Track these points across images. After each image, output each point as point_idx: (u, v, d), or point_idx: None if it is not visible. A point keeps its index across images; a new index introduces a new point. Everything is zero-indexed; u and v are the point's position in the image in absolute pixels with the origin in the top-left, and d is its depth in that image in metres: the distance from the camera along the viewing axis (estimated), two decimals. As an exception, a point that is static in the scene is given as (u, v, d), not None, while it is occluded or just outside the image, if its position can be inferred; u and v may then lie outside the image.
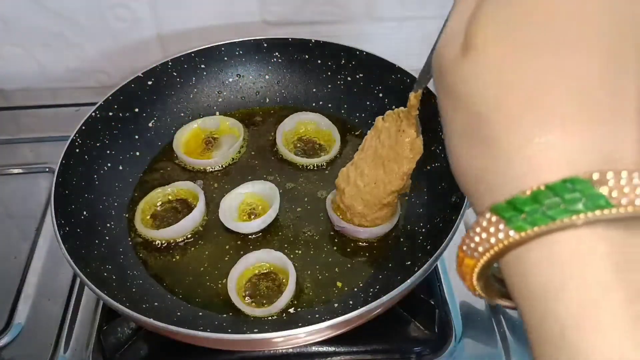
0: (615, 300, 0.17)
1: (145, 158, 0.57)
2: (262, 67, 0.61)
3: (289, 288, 0.45)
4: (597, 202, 0.17)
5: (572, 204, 0.17)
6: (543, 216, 0.18)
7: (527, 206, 0.18)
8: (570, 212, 0.17)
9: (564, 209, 0.18)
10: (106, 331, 0.48)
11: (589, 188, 0.17)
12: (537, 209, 0.18)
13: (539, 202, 0.18)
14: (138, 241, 0.51)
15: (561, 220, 0.18)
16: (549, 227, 0.18)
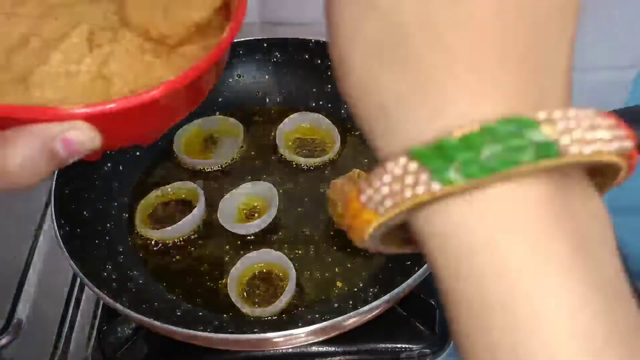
0: (558, 254, 0.15)
1: (146, 158, 0.57)
2: (262, 67, 0.61)
3: (289, 288, 0.45)
4: (547, 149, 0.14)
5: (517, 151, 0.14)
6: (480, 167, 0.14)
7: (459, 153, 0.14)
8: (513, 163, 0.14)
9: (506, 159, 0.14)
10: (106, 331, 0.48)
11: (535, 131, 0.14)
12: (473, 158, 0.14)
13: (474, 148, 0.14)
14: (138, 241, 0.51)
15: (503, 172, 0.14)
16: (486, 180, 0.14)
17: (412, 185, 0.15)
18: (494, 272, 0.15)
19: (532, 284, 0.15)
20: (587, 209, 0.16)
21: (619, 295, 0.16)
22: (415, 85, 0.16)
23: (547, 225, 0.15)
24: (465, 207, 0.15)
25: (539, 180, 0.15)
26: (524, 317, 0.15)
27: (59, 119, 0.21)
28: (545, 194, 0.15)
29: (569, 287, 0.15)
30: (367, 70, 0.17)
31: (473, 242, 0.15)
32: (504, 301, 0.15)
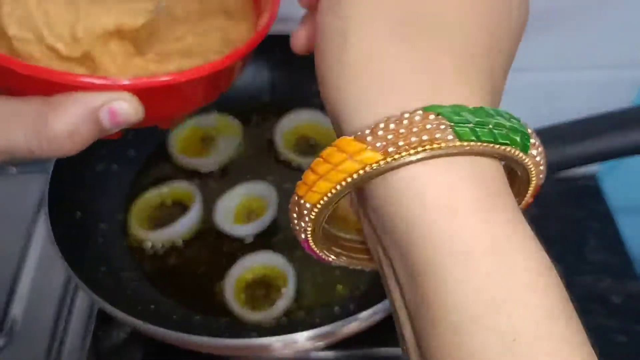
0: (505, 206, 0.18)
1: (141, 157, 0.56)
2: (261, 64, 0.60)
3: (288, 292, 0.45)
4: (525, 144, 0.18)
5: (514, 134, 0.17)
6: (489, 133, 0.17)
7: (476, 116, 0.17)
8: (510, 141, 0.17)
9: (506, 135, 0.17)
10: (101, 335, 0.48)
11: (523, 127, 0.18)
12: (485, 124, 0.17)
13: (486, 117, 0.17)
14: (133, 243, 0.50)
15: (499, 145, 0.17)
16: (489, 146, 0.17)
17: (429, 131, 0.16)
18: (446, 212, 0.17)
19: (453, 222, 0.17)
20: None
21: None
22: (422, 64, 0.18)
23: (501, 195, 0.17)
24: (445, 165, 0.17)
25: (498, 162, 0.18)
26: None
27: (106, 89, 0.22)
28: (500, 174, 0.18)
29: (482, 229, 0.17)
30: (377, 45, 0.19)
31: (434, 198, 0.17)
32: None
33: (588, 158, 0.36)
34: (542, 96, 0.61)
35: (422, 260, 0.17)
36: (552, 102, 0.61)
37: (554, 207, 0.63)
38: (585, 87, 0.60)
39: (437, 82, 0.18)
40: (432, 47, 0.18)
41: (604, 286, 0.58)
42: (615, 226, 0.63)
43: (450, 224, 0.17)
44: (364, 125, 0.18)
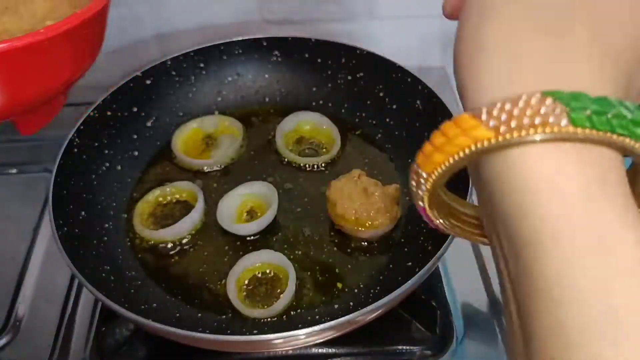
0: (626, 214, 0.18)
1: (144, 158, 0.56)
2: (261, 66, 0.61)
3: (289, 289, 0.45)
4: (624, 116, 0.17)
5: (635, 126, 0.17)
6: (606, 123, 0.17)
7: (594, 105, 0.17)
8: (627, 131, 0.17)
9: (625, 126, 0.17)
10: (104, 332, 0.48)
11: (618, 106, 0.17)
12: (602, 113, 0.17)
13: (606, 107, 0.17)
14: (136, 242, 0.51)
15: (617, 136, 0.17)
16: (605, 135, 0.17)
17: (544, 115, 0.17)
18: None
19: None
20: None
21: None
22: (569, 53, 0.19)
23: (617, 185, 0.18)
24: (565, 154, 0.17)
25: (612, 152, 0.18)
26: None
27: None
28: (617, 165, 0.18)
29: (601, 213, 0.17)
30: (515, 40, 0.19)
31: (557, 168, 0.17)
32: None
33: None
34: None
35: (527, 238, 0.18)
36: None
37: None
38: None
39: (566, 71, 0.18)
40: (569, 39, 0.19)
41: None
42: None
43: (555, 207, 0.17)
44: (485, 103, 0.18)
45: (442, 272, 0.52)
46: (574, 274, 0.17)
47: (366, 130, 0.58)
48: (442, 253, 0.41)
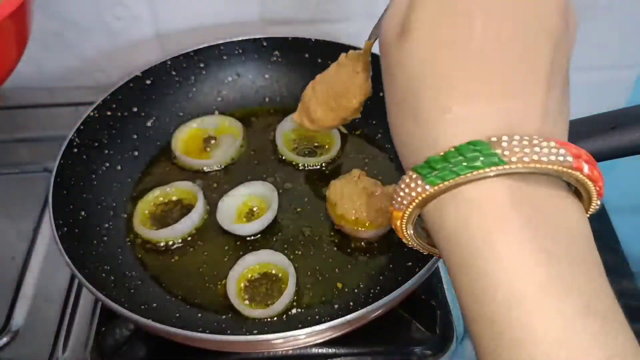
0: (511, 227, 0.21)
1: (144, 158, 0.56)
2: (261, 66, 0.61)
3: (289, 289, 0.45)
4: (491, 159, 0.21)
5: (472, 161, 0.21)
6: (450, 172, 0.22)
7: (438, 164, 0.22)
8: (470, 168, 0.21)
9: (466, 165, 0.21)
10: (104, 332, 0.48)
11: (486, 149, 0.21)
12: (446, 166, 0.22)
13: (448, 160, 0.22)
14: (136, 242, 0.51)
15: (465, 175, 0.21)
16: (455, 181, 0.22)
17: (415, 188, 0.23)
18: (465, 234, 0.22)
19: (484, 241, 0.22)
20: (556, 214, 0.22)
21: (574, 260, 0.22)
22: (418, 128, 0.24)
23: (500, 209, 0.22)
24: (450, 201, 0.23)
25: (500, 182, 0.22)
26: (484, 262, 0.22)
27: None
28: (503, 190, 0.22)
29: (511, 243, 0.21)
30: (394, 118, 0.27)
31: (455, 222, 0.23)
32: (472, 254, 0.22)
33: None
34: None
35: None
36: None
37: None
38: (579, 88, 0.61)
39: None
40: None
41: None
42: (611, 225, 0.63)
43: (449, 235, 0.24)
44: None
45: (442, 272, 0.52)
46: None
47: (366, 130, 0.59)
48: (442, 253, 0.41)
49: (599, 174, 0.22)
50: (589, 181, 0.22)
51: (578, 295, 0.20)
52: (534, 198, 0.22)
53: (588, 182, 0.22)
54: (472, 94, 0.22)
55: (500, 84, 0.22)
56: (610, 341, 0.20)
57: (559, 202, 0.22)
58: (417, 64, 0.24)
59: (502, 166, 0.21)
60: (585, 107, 0.36)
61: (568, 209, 0.23)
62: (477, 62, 0.22)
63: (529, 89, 0.23)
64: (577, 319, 0.20)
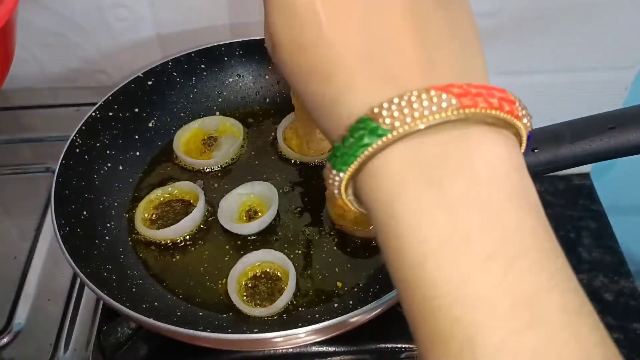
0: (411, 189, 0.21)
1: (145, 158, 0.57)
2: (262, 67, 0.61)
3: (289, 288, 0.45)
4: (375, 132, 0.21)
5: (360, 140, 0.21)
6: (349, 155, 0.22)
7: (339, 150, 0.22)
8: (362, 147, 0.21)
9: (358, 145, 0.21)
10: (106, 331, 0.48)
11: (369, 123, 0.21)
12: (346, 151, 0.22)
13: (345, 145, 0.22)
14: (138, 241, 0.51)
15: (362, 155, 0.21)
16: (358, 162, 0.22)
17: (333, 177, 0.23)
18: (376, 206, 0.22)
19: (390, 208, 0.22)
20: (462, 162, 0.21)
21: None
22: (326, 120, 0.24)
23: (401, 174, 0.21)
24: (362, 179, 0.23)
25: (397, 149, 0.21)
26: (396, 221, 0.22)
27: None
28: (401, 157, 0.21)
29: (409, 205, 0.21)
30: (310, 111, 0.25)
31: (368, 197, 0.23)
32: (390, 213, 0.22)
33: (580, 159, 0.36)
34: (534, 98, 0.61)
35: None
36: (544, 104, 0.62)
37: (548, 206, 0.64)
38: (576, 88, 0.61)
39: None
40: None
41: (598, 284, 0.58)
42: (609, 225, 0.63)
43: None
44: None
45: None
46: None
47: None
48: (441, 252, 0.41)
49: (504, 100, 0.21)
50: (493, 111, 0.20)
51: (481, 244, 0.20)
52: (436, 154, 0.21)
53: (492, 112, 0.20)
54: (345, 78, 0.22)
55: (364, 55, 0.22)
56: (516, 288, 0.19)
57: (470, 147, 0.21)
58: (294, 71, 0.24)
59: (387, 136, 0.21)
60: (584, 107, 0.36)
61: (482, 152, 0.21)
62: (336, 45, 0.22)
63: (393, 45, 0.22)
64: (477, 269, 0.19)
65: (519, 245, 0.20)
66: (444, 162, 0.21)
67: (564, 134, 0.37)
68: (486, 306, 0.19)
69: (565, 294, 0.19)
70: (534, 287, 0.19)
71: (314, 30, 0.22)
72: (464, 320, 0.19)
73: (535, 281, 0.19)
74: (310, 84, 0.23)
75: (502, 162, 0.21)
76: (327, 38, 0.22)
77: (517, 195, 0.21)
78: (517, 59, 0.59)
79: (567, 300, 0.19)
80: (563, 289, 0.20)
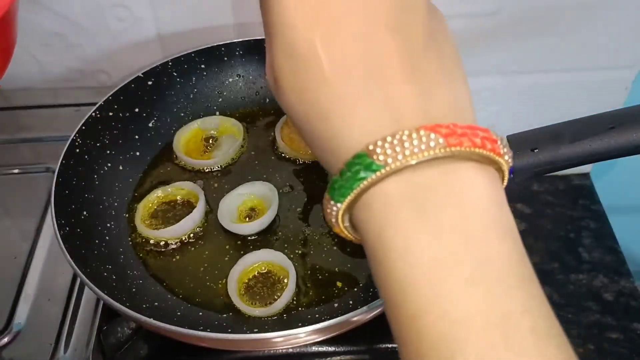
0: (403, 217, 0.22)
1: (145, 158, 0.57)
2: (262, 67, 0.61)
3: (289, 288, 0.46)
4: (370, 168, 0.22)
5: (357, 174, 0.23)
6: (346, 188, 0.23)
7: (337, 183, 0.23)
8: (357, 180, 0.23)
9: (355, 179, 0.23)
10: (106, 331, 0.48)
11: (365, 159, 0.22)
12: (343, 184, 0.23)
13: (343, 178, 0.23)
14: (138, 241, 0.51)
15: (357, 188, 0.23)
16: (354, 194, 0.23)
17: (331, 207, 0.25)
18: (369, 236, 0.24)
19: (380, 236, 0.23)
20: (448, 194, 0.23)
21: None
22: (326, 154, 0.25)
23: (392, 205, 0.23)
24: (357, 211, 0.24)
25: (390, 183, 0.23)
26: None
27: None
28: (392, 189, 0.23)
29: (398, 234, 0.23)
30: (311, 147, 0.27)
31: (362, 227, 0.24)
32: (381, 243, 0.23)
33: (580, 159, 0.36)
34: (535, 98, 0.61)
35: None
36: (544, 104, 0.62)
37: (548, 206, 0.64)
38: (576, 88, 0.61)
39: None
40: None
41: (598, 284, 0.58)
42: (609, 225, 0.63)
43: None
44: None
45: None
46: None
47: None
48: (440, 252, 0.41)
49: (487, 139, 0.23)
50: (477, 150, 0.22)
51: (463, 268, 0.21)
52: (425, 186, 0.22)
53: (476, 151, 0.22)
54: (344, 116, 0.24)
55: (362, 94, 0.23)
56: (491, 310, 0.21)
57: (456, 181, 0.23)
58: (295, 108, 0.25)
59: (380, 171, 0.22)
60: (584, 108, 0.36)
61: (466, 186, 0.23)
62: (337, 86, 0.24)
63: (388, 85, 0.23)
64: (460, 289, 0.21)
65: (496, 271, 0.21)
66: (433, 194, 0.22)
67: (564, 134, 0.36)
68: (467, 324, 0.21)
69: (536, 317, 0.21)
70: (508, 309, 0.21)
71: (316, 72, 0.24)
72: (449, 336, 0.21)
73: (509, 304, 0.21)
74: (311, 121, 0.25)
75: (484, 195, 0.23)
76: (328, 79, 0.24)
77: (497, 226, 0.23)
78: (517, 59, 0.59)
79: (538, 323, 0.21)
80: (534, 313, 0.21)
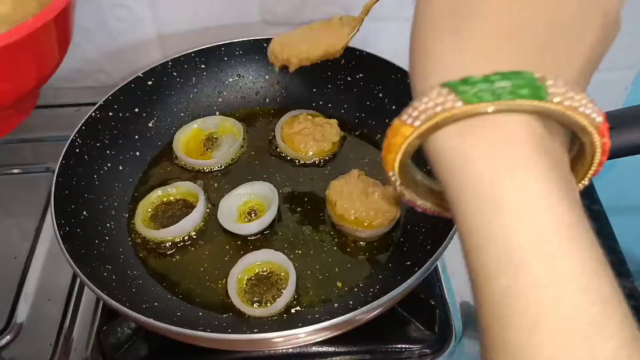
0: (536, 168, 0.20)
1: (145, 158, 0.57)
2: (262, 67, 0.61)
3: (289, 288, 0.46)
4: (538, 92, 0.20)
5: (518, 88, 0.20)
6: (491, 93, 0.20)
7: (479, 83, 0.20)
8: (513, 94, 0.20)
9: (510, 91, 0.20)
10: (106, 331, 0.48)
11: (533, 80, 0.20)
12: (488, 87, 0.20)
13: (491, 82, 0.20)
14: (138, 241, 0.51)
15: (504, 101, 0.20)
16: (492, 104, 0.20)
17: (442, 103, 0.21)
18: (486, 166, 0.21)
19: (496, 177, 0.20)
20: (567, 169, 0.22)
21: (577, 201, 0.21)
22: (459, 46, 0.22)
23: (524, 149, 0.20)
24: (471, 128, 0.21)
25: (529, 119, 0.21)
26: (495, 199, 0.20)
27: None
28: (531, 130, 0.21)
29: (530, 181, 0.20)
30: (425, 33, 0.24)
31: (473, 152, 0.21)
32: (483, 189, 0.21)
33: None
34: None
35: (455, 198, 0.22)
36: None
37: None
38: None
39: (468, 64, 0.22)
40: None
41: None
42: (609, 225, 0.63)
43: (463, 176, 0.21)
44: (419, 90, 0.23)
45: (441, 272, 0.52)
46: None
47: (366, 130, 0.59)
48: (441, 252, 0.41)
49: (608, 149, 0.22)
50: (601, 150, 0.22)
51: (596, 249, 0.21)
52: (554, 148, 0.21)
53: (600, 150, 0.22)
54: (521, 29, 0.22)
55: (550, 36, 0.22)
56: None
57: (566, 158, 0.22)
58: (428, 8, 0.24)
59: (544, 102, 0.20)
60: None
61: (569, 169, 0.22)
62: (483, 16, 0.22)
63: (571, 52, 0.22)
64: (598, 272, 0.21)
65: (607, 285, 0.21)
66: (561, 163, 0.21)
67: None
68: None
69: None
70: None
71: None
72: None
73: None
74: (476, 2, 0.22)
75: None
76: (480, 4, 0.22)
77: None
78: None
79: None
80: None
